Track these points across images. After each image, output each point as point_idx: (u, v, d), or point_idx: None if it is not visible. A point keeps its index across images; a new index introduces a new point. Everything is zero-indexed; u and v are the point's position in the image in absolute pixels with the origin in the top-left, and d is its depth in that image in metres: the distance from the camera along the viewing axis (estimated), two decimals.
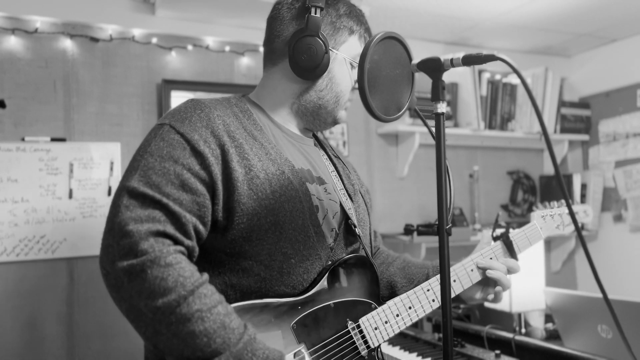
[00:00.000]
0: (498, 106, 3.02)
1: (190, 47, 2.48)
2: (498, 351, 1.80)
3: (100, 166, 2.28)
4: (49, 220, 2.18)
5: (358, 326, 1.15)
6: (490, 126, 2.99)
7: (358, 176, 1.42)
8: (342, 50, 1.22)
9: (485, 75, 2.98)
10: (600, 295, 1.06)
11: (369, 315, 1.17)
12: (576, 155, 3.41)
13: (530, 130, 3.07)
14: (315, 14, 1.16)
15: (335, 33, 1.21)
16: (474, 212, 3.10)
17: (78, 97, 2.28)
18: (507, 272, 1.27)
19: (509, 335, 1.98)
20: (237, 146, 1.08)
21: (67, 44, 2.28)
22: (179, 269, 0.95)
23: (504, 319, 2.29)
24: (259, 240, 1.07)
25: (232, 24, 2.53)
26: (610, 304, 0.93)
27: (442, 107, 0.95)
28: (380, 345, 1.18)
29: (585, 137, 3.30)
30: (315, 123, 1.26)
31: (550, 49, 3.25)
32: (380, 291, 1.23)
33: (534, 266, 2.30)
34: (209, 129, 1.07)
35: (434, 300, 1.21)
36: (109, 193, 2.28)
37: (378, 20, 2.65)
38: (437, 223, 0.94)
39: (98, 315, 2.24)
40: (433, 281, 1.23)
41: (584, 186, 3.20)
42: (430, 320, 2.40)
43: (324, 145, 1.35)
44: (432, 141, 0.99)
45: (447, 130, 2.81)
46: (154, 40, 2.42)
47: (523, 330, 2.28)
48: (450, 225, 0.95)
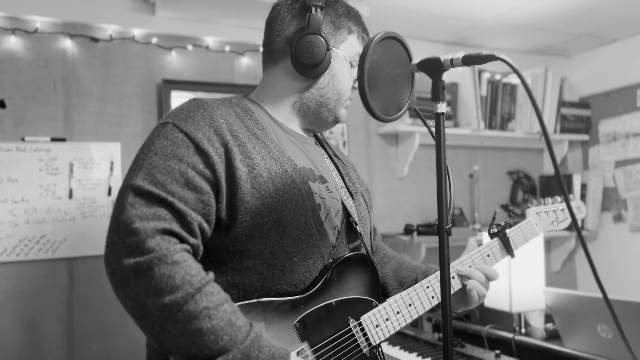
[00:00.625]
0: (498, 106, 3.02)
1: (190, 47, 2.48)
2: (498, 351, 1.81)
3: (100, 166, 2.28)
4: (49, 220, 2.18)
5: (360, 324, 1.16)
6: (490, 126, 2.99)
7: (358, 175, 1.43)
8: (342, 49, 1.24)
9: (485, 75, 2.98)
10: (600, 295, 1.06)
11: (370, 313, 1.18)
12: (576, 155, 3.41)
13: (530, 130, 3.07)
14: (317, 13, 1.18)
15: (336, 32, 1.23)
16: (474, 212, 3.10)
17: (78, 97, 2.28)
18: (487, 279, 1.28)
19: (509, 335, 1.98)
20: (240, 145, 1.09)
21: (67, 44, 2.28)
22: (186, 267, 0.95)
23: (504, 319, 2.29)
24: (262, 239, 1.08)
25: (232, 24, 2.53)
26: (610, 304, 0.93)
27: (442, 107, 0.96)
28: (381, 342, 1.19)
29: (585, 137, 3.30)
30: (316, 122, 1.27)
31: (550, 49, 3.26)
32: (380, 289, 1.23)
33: (534, 266, 2.29)
34: (212, 128, 1.08)
35: (433, 297, 1.23)
36: (109, 193, 2.28)
37: (378, 20, 2.65)
38: (437, 223, 0.95)
39: (98, 315, 2.24)
40: (432, 278, 1.24)
41: (584, 186, 3.20)
42: (430, 320, 2.40)
43: (324, 145, 1.36)
44: (432, 141, 0.99)
45: (447, 130, 2.81)
46: (154, 40, 2.42)
47: (523, 330, 2.28)
48: (450, 225, 0.95)
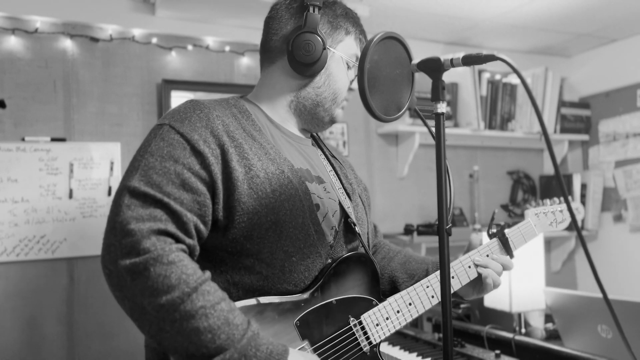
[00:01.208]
0: (498, 106, 3.02)
1: (190, 47, 2.48)
2: (498, 351, 1.80)
3: (100, 166, 2.28)
4: (49, 220, 2.18)
5: (360, 322, 1.17)
6: (490, 126, 2.99)
7: (356, 175, 1.43)
8: (339, 49, 1.24)
9: (485, 75, 2.98)
10: (600, 295, 1.06)
11: (370, 312, 1.18)
12: (576, 155, 3.41)
13: (530, 130, 3.07)
14: (314, 12, 1.18)
15: (333, 32, 1.23)
16: (474, 212, 3.10)
17: (78, 97, 2.28)
18: (502, 269, 1.30)
19: (509, 335, 1.98)
20: (237, 146, 1.09)
21: (67, 44, 2.28)
22: (182, 266, 0.96)
23: (504, 319, 2.29)
24: (260, 239, 1.08)
25: (232, 24, 2.53)
26: (610, 304, 0.93)
27: (442, 107, 0.96)
28: (381, 342, 1.19)
29: (585, 137, 3.30)
30: (313, 122, 1.27)
31: (550, 49, 3.25)
32: (380, 287, 1.24)
33: (534, 266, 2.30)
34: (208, 129, 1.08)
35: (433, 297, 1.23)
36: (109, 193, 2.28)
37: (378, 20, 2.65)
38: (437, 223, 0.95)
39: (98, 315, 2.24)
40: (432, 278, 1.24)
41: (584, 186, 3.20)
42: (430, 320, 2.40)
43: (321, 145, 1.37)
44: (432, 141, 1.00)
45: (447, 130, 2.81)
46: (154, 40, 2.42)
47: (523, 330, 2.28)
48: (450, 225, 0.96)
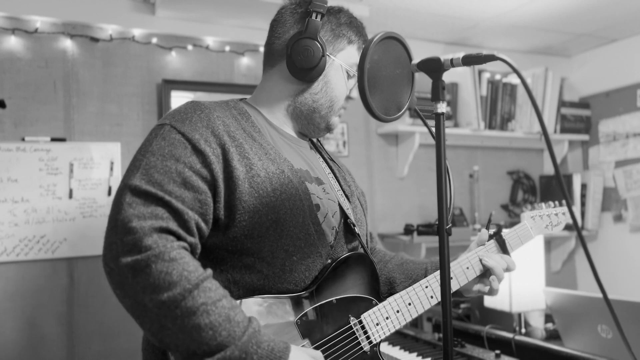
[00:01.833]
0: (498, 106, 3.02)
1: (190, 47, 2.48)
2: (498, 351, 1.80)
3: (100, 166, 2.28)
4: (49, 220, 2.18)
5: (360, 322, 1.17)
6: (490, 126, 2.99)
7: (353, 179, 1.45)
8: (340, 57, 1.25)
9: (485, 75, 2.98)
10: (600, 295, 1.06)
11: (370, 312, 1.19)
12: (576, 155, 3.41)
13: (530, 130, 3.07)
14: (316, 19, 1.19)
15: (334, 40, 1.24)
16: (474, 212, 3.10)
17: (78, 97, 2.28)
18: (505, 269, 1.30)
19: (509, 335, 1.98)
20: (238, 145, 1.10)
21: (67, 44, 2.28)
22: (183, 263, 0.96)
23: (504, 319, 2.29)
24: (261, 238, 1.09)
25: (232, 24, 2.53)
26: (610, 304, 0.93)
27: (442, 107, 0.96)
28: (381, 341, 1.19)
29: (585, 137, 3.30)
30: (309, 127, 1.28)
31: (550, 49, 3.25)
32: (380, 288, 1.24)
33: (534, 266, 2.30)
34: (209, 129, 1.09)
35: (432, 297, 1.24)
36: (109, 193, 2.28)
37: (378, 20, 2.65)
38: (437, 223, 0.95)
39: (98, 315, 2.24)
40: (431, 278, 1.25)
41: (584, 186, 3.20)
42: (430, 320, 2.40)
43: (319, 149, 1.38)
44: (432, 141, 1.00)
45: (447, 130, 2.81)
46: (154, 40, 2.42)
47: (523, 330, 2.28)
48: (450, 225, 0.96)
